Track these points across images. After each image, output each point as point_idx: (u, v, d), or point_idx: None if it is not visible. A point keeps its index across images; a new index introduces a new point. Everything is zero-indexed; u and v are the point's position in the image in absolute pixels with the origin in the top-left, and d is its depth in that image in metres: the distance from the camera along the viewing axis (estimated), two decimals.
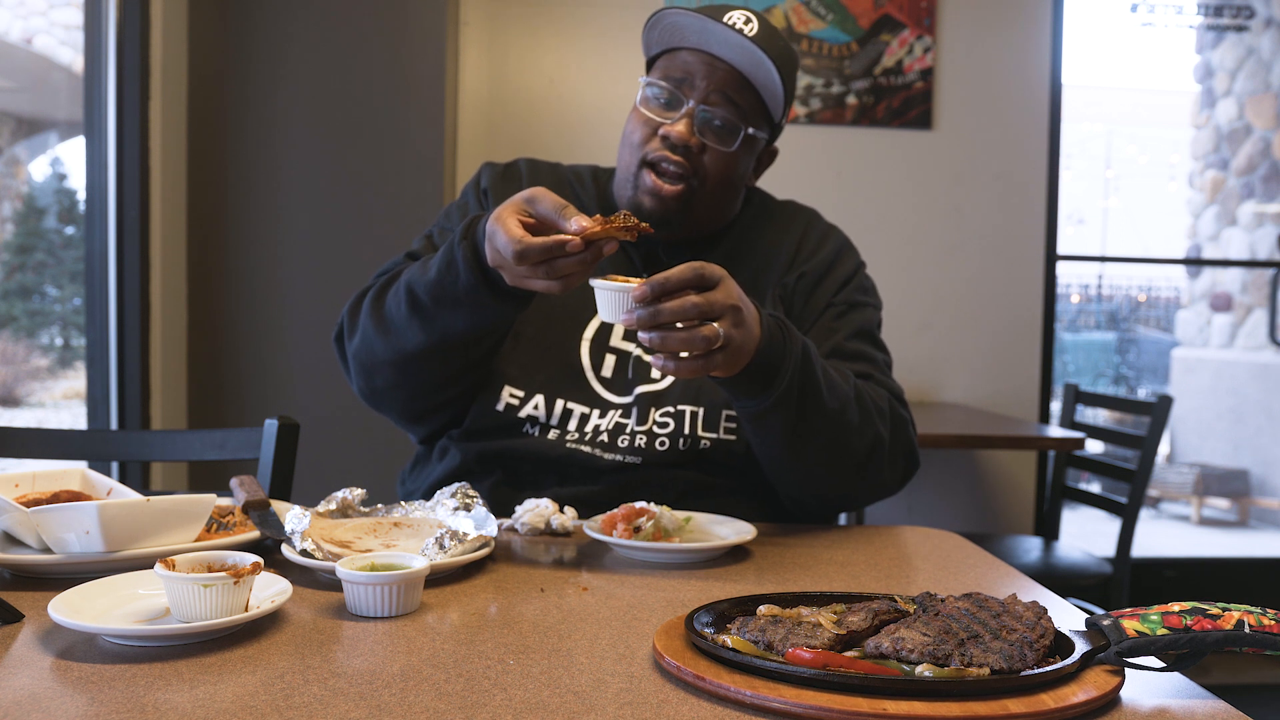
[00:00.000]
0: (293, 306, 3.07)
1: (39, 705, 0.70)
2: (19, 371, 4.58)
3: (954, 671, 0.74)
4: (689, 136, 1.39)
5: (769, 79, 1.38)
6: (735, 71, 1.39)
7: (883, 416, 1.36)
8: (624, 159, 1.45)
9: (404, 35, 3.08)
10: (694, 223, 1.46)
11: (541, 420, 1.41)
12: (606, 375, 1.44)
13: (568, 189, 1.54)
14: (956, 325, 3.67)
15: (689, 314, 1.10)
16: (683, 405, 1.41)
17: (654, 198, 1.40)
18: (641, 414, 1.40)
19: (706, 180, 1.42)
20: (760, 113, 1.43)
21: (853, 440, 1.32)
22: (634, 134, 1.43)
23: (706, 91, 1.39)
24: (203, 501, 1.08)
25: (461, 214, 1.52)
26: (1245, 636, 0.76)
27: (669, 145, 1.39)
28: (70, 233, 4.52)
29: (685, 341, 1.10)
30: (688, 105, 1.39)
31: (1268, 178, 6.25)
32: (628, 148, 1.44)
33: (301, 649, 0.83)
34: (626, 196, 1.44)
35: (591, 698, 0.74)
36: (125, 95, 2.72)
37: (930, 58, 3.59)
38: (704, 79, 1.39)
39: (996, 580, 1.12)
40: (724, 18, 1.37)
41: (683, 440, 1.39)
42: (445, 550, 1.04)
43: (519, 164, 1.57)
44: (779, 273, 1.49)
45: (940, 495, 3.70)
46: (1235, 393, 6.38)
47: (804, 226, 1.55)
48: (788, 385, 1.23)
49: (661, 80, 1.41)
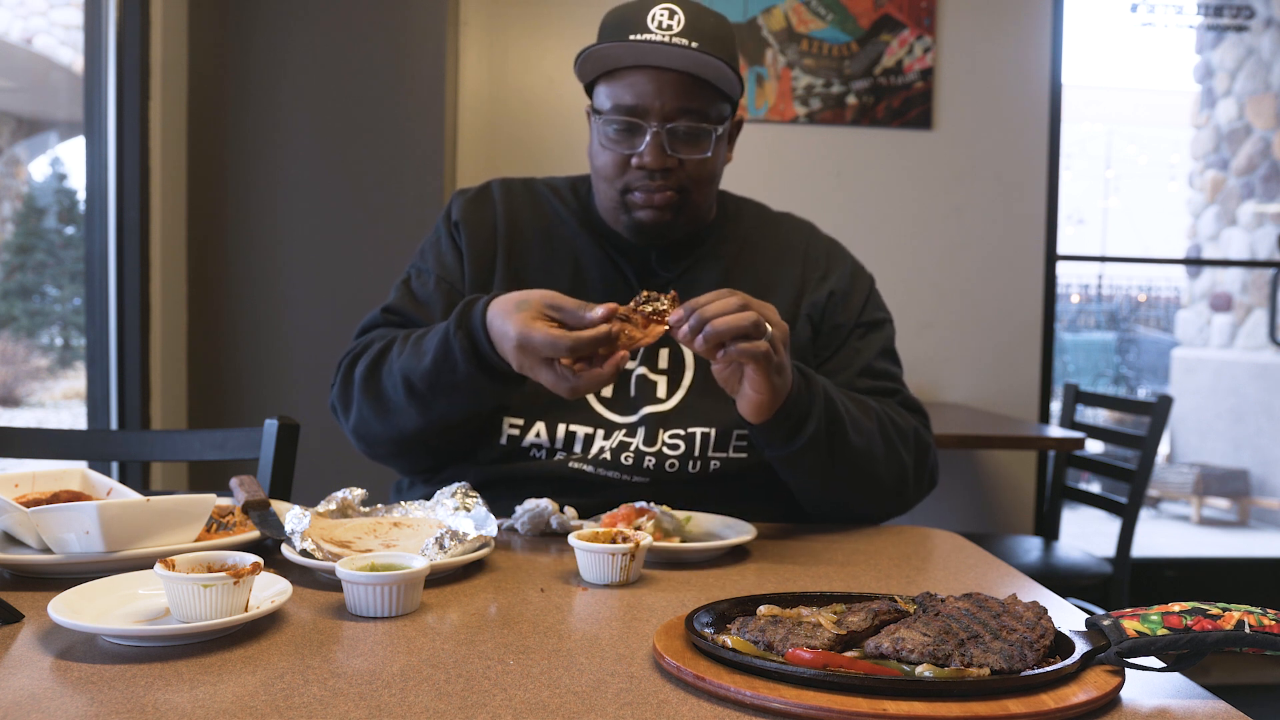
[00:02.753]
0: (293, 306, 3.07)
1: (39, 705, 0.70)
2: (19, 371, 4.58)
3: (954, 672, 0.74)
4: (663, 160, 1.36)
5: (717, 70, 1.34)
6: (683, 76, 1.35)
7: (906, 443, 1.39)
8: (602, 190, 1.43)
9: (404, 35, 3.08)
10: (691, 221, 1.45)
11: (545, 445, 1.40)
12: (607, 395, 1.42)
13: (545, 205, 1.52)
14: (957, 325, 3.67)
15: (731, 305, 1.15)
16: (694, 427, 1.39)
17: (648, 211, 1.39)
18: (649, 434, 1.39)
19: (694, 183, 1.40)
20: (719, 100, 1.39)
21: (879, 471, 1.35)
22: (605, 168, 1.40)
23: (663, 110, 1.34)
24: (203, 501, 1.08)
25: (435, 252, 1.50)
26: (1245, 636, 0.76)
27: (646, 174, 1.37)
28: (70, 233, 4.52)
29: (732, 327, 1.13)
30: (651, 129, 1.35)
31: (1268, 178, 6.25)
32: (602, 181, 1.42)
33: (301, 649, 0.83)
34: (623, 223, 1.43)
35: (591, 698, 0.74)
36: (125, 95, 2.72)
37: (930, 58, 3.59)
38: (656, 98, 1.34)
39: (996, 580, 1.12)
40: (649, 19, 1.34)
41: (693, 463, 1.39)
42: (445, 550, 1.04)
43: (491, 187, 1.54)
44: (792, 287, 1.49)
45: (940, 495, 3.70)
46: (1235, 393, 6.38)
47: (806, 239, 1.55)
48: (815, 429, 1.27)
49: (614, 114, 1.37)
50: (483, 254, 1.48)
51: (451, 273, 1.48)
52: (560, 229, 1.50)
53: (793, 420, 1.26)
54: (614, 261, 1.47)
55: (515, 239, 1.49)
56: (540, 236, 1.49)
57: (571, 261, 1.47)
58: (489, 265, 1.47)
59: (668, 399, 1.41)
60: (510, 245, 1.48)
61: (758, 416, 1.24)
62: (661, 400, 1.41)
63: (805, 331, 1.46)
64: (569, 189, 1.54)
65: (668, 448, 1.38)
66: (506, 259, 1.47)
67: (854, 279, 1.52)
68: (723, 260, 1.49)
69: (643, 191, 1.38)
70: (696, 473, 1.39)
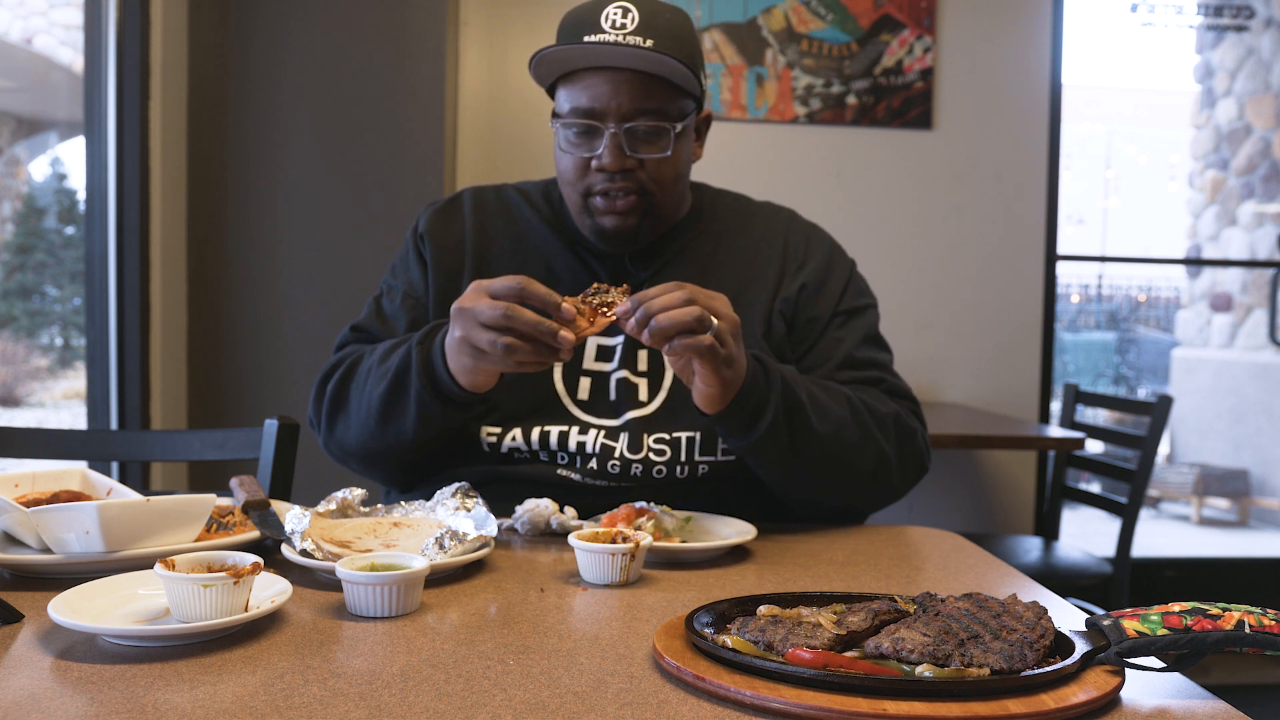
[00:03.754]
0: (293, 306, 3.07)
1: (39, 705, 0.70)
2: (19, 371, 4.58)
3: (954, 672, 0.74)
4: (622, 160, 1.35)
5: (671, 68, 1.33)
6: (638, 76, 1.34)
7: (885, 429, 1.36)
8: (568, 195, 1.43)
9: (404, 35, 3.07)
10: (658, 223, 1.44)
11: (524, 449, 1.39)
12: (584, 399, 1.40)
13: (516, 212, 1.51)
14: (957, 325, 3.67)
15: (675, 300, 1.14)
16: (678, 431, 1.38)
17: (612, 217, 1.39)
18: (634, 440, 1.37)
19: (658, 184, 1.39)
20: (678, 97, 1.38)
21: (853, 458, 1.33)
22: (567, 172, 1.40)
23: (620, 111, 1.34)
24: (203, 501, 1.08)
25: (403, 266, 1.51)
26: (1245, 636, 0.76)
27: (606, 176, 1.37)
28: (70, 233, 4.52)
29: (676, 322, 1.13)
30: (609, 131, 1.34)
31: (1268, 178, 6.25)
32: (566, 185, 1.42)
33: (301, 649, 0.83)
34: (587, 226, 1.42)
35: (591, 698, 0.74)
36: (125, 95, 2.72)
37: (930, 58, 3.59)
38: (612, 98, 1.33)
39: (996, 580, 1.12)
40: (603, 18, 1.33)
41: (681, 468, 1.38)
42: (445, 550, 1.04)
43: (462, 198, 1.54)
44: (771, 281, 1.47)
45: (940, 495, 3.70)
46: (1235, 393, 6.38)
47: (785, 228, 1.52)
48: (774, 418, 1.26)
49: (572, 117, 1.36)
50: (449, 266, 1.47)
51: (416, 287, 1.48)
52: (532, 235, 1.49)
53: (748, 411, 1.25)
54: (586, 264, 1.46)
55: (485, 249, 1.48)
56: (511, 244, 1.49)
57: (543, 267, 1.46)
58: (455, 277, 1.46)
59: (649, 402, 1.40)
60: (479, 256, 1.48)
61: (710, 408, 1.24)
62: (644, 404, 1.40)
63: (780, 327, 1.45)
64: (541, 194, 1.53)
65: (654, 454, 1.37)
66: (475, 270, 1.46)
67: (831, 268, 1.49)
68: (699, 257, 1.48)
69: (604, 196, 1.38)
70: (685, 478, 1.38)
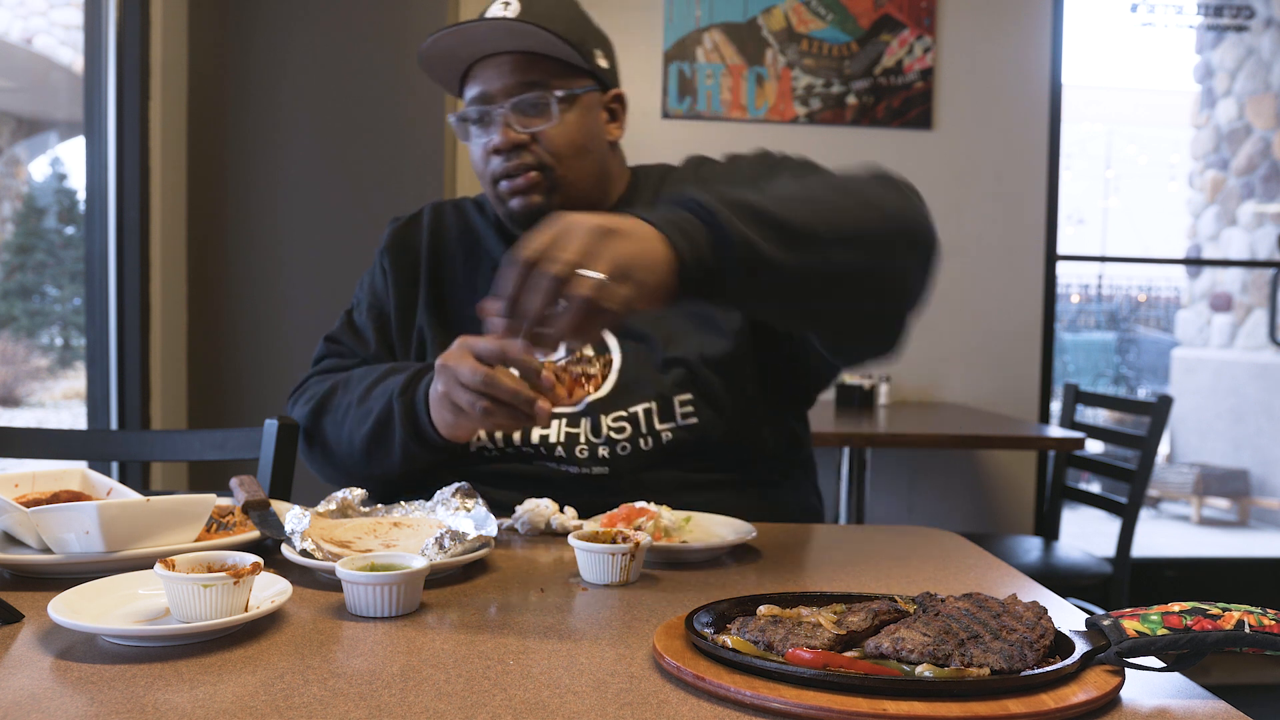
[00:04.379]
0: (293, 307, 3.07)
1: (39, 705, 0.70)
2: (19, 371, 4.58)
3: (954, 672, 0.74)
4: (511, 135, 1.37)
5: (548, 42, 1.35)
6: (515, 56, 1.37)
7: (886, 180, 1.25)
8: (486, 190, 1.46)
9: (404, 35, 3.07)
10: (572, 202, 1.41)
11: (490, 446, 1.40)
12: None
13: (469, 221, 1.54)
14: (956, 325, 3.67)
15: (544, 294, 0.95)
16: (634, 406, 1.39)
17: (516, 197, 1.40)
18: (594, 424, 1.38)
19: (554, 157, 1.39)
20: (563, 71, 1.39)
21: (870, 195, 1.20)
22: (477, 164, 1.44)
23: (501, 90, 1.37)
24: (203, 501, 1.08)
25: (370, 279, 1.56)
26: (1245, 636, 0.76)
27: (501, 156, 1.39)
28: (70, 233, 4.52)
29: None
30: (498, 112, 1.38)
31: (1268, 178, 6.25)
32: (481, 180, 1.45)
33: (301, 649, 0.83)
34: (504, 215, 1.44)
35: (591, 698, 0.74)
36: (125, 95, 2.72)
37: (930, 58, 3.59)
38: (495, 80, 1.37)
39: (996, 580, 1.12)
40: (488, 13, 1.36)
41: (642, 440, 1.38)
42: (445, 550, 1.04)
43: (422, 212, 1.57)
44: None
45: (940, 495, 3.70)
46: (1235, 393, 6.38)
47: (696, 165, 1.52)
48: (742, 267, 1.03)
49: (469, 106, 1.41)
50: (407, 277, 1.52)
51: (381, 299, 1.54)
52: (481, 242, 1.52)
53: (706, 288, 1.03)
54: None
55: (440, 259, 1.53)
56: (464, 254, 1.53)
57: (491, 271, 1.47)
58: (413, 285, 1.52)
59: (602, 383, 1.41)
60: (434, 266, 1.52)
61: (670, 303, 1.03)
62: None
63: None
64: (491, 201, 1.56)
65: (614, 432, 1.38)
66: (430, 280, 1.51)
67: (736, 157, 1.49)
68: None
69: (507, 179, 1.40)
70: (650, 449, 1.38)
